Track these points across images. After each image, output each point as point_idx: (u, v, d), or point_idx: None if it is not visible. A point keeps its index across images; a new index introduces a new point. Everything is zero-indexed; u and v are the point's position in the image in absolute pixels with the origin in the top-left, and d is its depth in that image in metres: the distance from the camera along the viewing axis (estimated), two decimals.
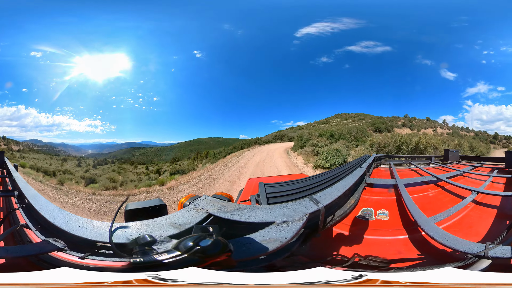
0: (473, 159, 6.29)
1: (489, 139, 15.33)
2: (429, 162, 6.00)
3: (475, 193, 2.52)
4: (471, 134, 15.65)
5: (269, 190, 2.61)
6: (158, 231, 1.50)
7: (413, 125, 16.33)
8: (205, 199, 1.88)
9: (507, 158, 4.27)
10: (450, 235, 1.71)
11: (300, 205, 1.82)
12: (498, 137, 14.90)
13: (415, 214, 2.07)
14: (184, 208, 1.83)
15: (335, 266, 1.69)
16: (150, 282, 1.32)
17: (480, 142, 14.69)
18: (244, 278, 1.41)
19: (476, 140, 14.76)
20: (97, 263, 1.43)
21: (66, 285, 1.34)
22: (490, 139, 15.41)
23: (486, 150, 13.67)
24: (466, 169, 4.13)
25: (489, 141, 15.22)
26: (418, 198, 2.59)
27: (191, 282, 1.31)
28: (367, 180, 3.06)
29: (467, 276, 1.44)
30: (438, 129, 16.07)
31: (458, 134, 15.57)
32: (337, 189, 2.23)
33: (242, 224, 1.67)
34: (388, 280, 1.47)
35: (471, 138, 15.28)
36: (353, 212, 2.36)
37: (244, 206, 1.88)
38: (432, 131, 15.84)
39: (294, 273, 1.55)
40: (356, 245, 2.12)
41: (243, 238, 1.56)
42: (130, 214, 1.77)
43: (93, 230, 1.51)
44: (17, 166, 3.97)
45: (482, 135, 15.46)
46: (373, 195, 2.79)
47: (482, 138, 15.28)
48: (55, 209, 1.75)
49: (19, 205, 2.21)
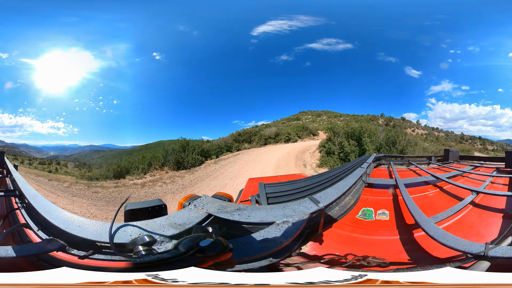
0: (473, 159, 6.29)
1: (457, 139, 15.23)
2: (429, 162, 6.00)
3: (475, 193, 2.52)
4: (442, 135, 15.56)
5: (269, 190, 2.61)
6: (158, 231, 1.50)
7: (395, 125, 15.90)
8: (205, 199, 1.88)
9: (507, 158, 4.27)
10: (450, 235, 1.71)
11: (300, 205, 1.82)
12: (464, 137, 14.87)
13: (415, 214, 2.07)
14: (184, 208, 1.84)
15: (335, 266, 1.69)
16: (150, 282, 1.32)
17: (452, 142, 14.61)
18: (244, 278, 1.41)
19: (448, 141, 14.70)
20: (97, 263, 1.43)
21: (66, 285, 1.34)
22: (458, 139, 15.31)
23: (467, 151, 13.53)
24: (466, 169, 4.13)
25: (458, 141, 15.10)
26: (418, 198, 2.58)
27: (191, 282, 1.31)
28: (367, 180, 3.06)
29: (467, 276, 1.44)
30: (416, 130, 15.93)
31: (433, 135, 15.48)
32: (337, 189, 2.24)
33: (242, 224, 1.67)
34: (388, 280, 1.46)
35: (443, 138, 15.19)
36: (353, 212, 2.36)
37: (244, 206, 1.88)
38: (412, 131, 15.70)
39: (294, 273, 1.56)
40: (356, 245, 2.12)
41: (243, 238, 1.56)
42: (130, 214, 1.77)
43: (93, 230, 1.51)
44: (17, 166, 3.96)
45: (451, 135, 15.42)
46: (373, 195, 2.79)
47: (452, 138, 15.18)
48: (55, 209, 1.75)
49: (19, 205, 2.21)
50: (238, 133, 15.17)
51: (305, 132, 14.83)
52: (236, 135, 15.14)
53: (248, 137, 15.05)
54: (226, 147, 14.47)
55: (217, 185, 10.35)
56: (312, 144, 14.67)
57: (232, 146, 14.59)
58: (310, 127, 15.51)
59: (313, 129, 15.46)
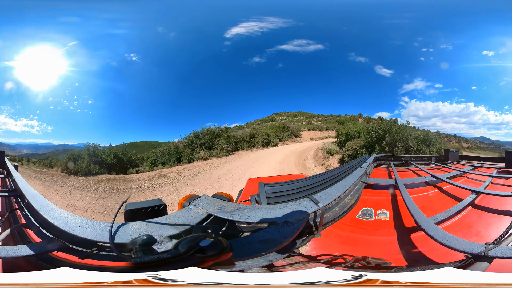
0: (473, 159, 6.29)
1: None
2: (429, 162, 6.00)
3: (475, 193, 2.52)
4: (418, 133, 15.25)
5: (269, 190, 2.61)
6: (158, 231, 1.50)
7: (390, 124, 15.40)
8: (205, 199, 1.88)
9: (507, 158, 4.27)
10: (450, 235, 1.71)
11: (300, 205, 1.82)
12: (440, 135, 14.79)
13: (415, 214, 2.07)
14: (184, 208, 1.84)
15: (335, 266, 1.69)
16: (150, 282, 1.32)
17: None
18: (244, 278, 1.41)
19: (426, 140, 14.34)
20: (97, 263, 1.43)
21: (66, 285, 1.34)
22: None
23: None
24: (466, 169, 4.13)
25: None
26: (418, 198, 2.59)
27: (191, 282, 1.31)
28: (367, 180, 3.06)
29: (467, 276, 1.44)
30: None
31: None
32: (337, 189, 2.23)
33: (242, 224, 1.67)
34: (388, 280, 1.47)
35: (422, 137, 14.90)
36: (353, 212, 2.36)
37: (244, 206, 1.88)
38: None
39: (294, 273, 1.55)
40: (356, 245, 2.12)
41: (243, 238, 1.56)
42: (130, 214, 1.77)
43: (93, 230, 1.51)
44: (17, 166, 3.96)
45: (427, 134, 15.21)
46: (373, 195, 2.79)
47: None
48: (55, 209, 1.75)
49: (19, 205, 2.21)
50: (196, 134, 10.61)
51: (286, 133, 11.86)
52: (193, 137, 10.50)
53: (209, 139, 10.48)
54: (176, 155, 10.37)
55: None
56: (300, 148, 11.39)
57: (182, 154, 10.37)
58: (291, 127, 12.37)
59: (295, 129, 12.44)
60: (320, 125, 12.93)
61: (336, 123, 12.59)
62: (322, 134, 12.74)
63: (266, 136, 11.50)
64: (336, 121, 12.57)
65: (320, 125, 13.01)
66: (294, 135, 12.41)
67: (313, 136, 12.77)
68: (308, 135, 12.69)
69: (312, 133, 12.84)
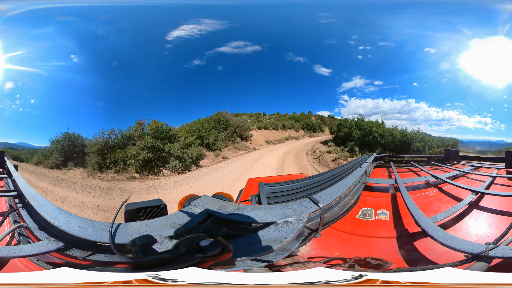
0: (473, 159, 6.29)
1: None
2: (429, 162, 6.00)
3: (475, 193, 2.52)
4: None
5: (269, 190, 2.61)
6: (158, 231, 1.50)
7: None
8: (205, 199, 1.88)
9: (507, 158, 4.26)
10: (450, 235, 1.71)
11: (300, 205, 1.82)
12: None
13: (415, 214, 2.07)
14: (184, 208, 1.84)
15: (335, 266, 1.69)
16: (150, 282, 1.32)
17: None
18: (244, 278, 1.41)
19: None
20: (97, 263, 1.43)
21: (66, 285, 1.34)
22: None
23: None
24: (466, 169, 4.13)
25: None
26: (418, 198, 2.58)
27: (191, 282, 1.31)
28: (367, 180, 3.06)
29: (467, 276, 1.44)
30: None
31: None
32: (337, 189, 2.23)
33: (242, 224, 1.67)
34: (388, 280, 1.47)
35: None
36: (353, 212, 2.36)
37: (244, 206, 1.88)
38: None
39: (294, 273, 1.55)
40: (356, 245, 2.11)
41: (243, 238, 1.56)
42: (130, 214, 1.77)
43: (93, 230, 1.51)
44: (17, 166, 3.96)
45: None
46: (373, 195, 2.79)
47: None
48: (55, 209, 1.75)
49: (19, 205, 2.21)
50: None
51: (225, 134, 7.54)
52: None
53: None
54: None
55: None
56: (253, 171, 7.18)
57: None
58: (235, 122, 7.89)
59: (241, 127, 8.21)
60: (274, 123, 9.03)
61: (292, 121, 9.43)
62: (281, 134, 9.01)
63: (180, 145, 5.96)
64: (289, 118, 9.53)
65: (273, 123, 9.19)
66: (239, 136, 8.03)
67: (269, 137, 8.58)
68: (261, 136, 7.99)
69: (266, 133, 8.75)
